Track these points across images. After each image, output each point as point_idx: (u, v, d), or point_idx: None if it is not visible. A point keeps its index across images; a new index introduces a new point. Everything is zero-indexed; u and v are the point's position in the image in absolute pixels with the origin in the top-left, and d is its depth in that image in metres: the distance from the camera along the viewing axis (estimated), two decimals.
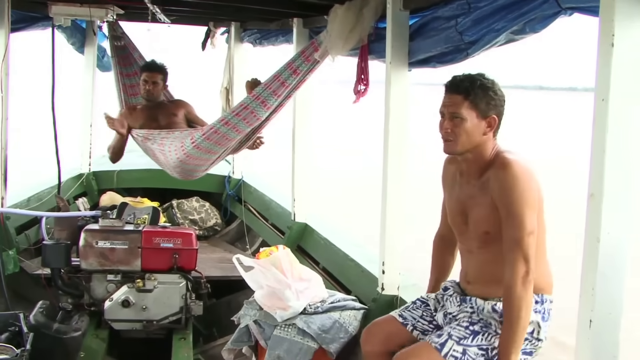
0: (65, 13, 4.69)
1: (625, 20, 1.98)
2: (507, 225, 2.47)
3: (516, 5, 2.63)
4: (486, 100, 2.56)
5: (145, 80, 5.42)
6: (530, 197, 2.46)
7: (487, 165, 2.60)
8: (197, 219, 6.37)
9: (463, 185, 2.71)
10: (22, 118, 15.21)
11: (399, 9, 3.44)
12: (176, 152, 4.63)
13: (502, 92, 2.61)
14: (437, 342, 2.55)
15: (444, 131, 2.62)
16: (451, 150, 2.65)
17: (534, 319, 2.55)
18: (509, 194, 2.46)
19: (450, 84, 2.62)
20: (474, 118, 2.56)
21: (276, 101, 4.14)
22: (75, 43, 6.34)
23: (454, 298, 2.75)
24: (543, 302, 2.59)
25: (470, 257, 2.73)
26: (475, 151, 2.61)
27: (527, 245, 2.43)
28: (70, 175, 6.34)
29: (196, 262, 4.02)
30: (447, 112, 2.60)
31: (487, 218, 2.56)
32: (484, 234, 2.60)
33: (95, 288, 3.90)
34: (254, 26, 6.12)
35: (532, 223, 2.45)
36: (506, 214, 2.47)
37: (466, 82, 2.58)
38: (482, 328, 2.57)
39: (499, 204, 2.50)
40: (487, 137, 2.59)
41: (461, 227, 2.73)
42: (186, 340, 3.85)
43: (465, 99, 2.56)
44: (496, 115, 2.58)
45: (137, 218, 4.35)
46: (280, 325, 3.43)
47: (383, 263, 3.58)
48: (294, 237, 5.10)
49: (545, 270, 2.63)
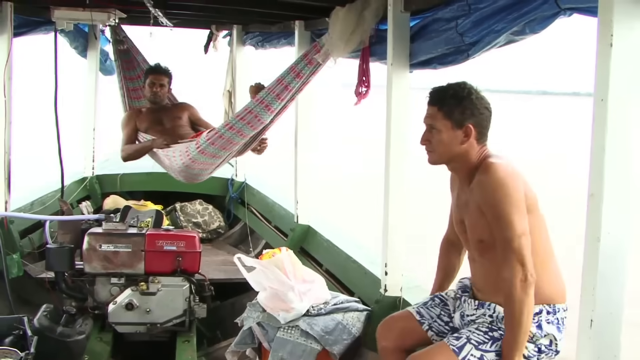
0: (67, 17, 4.70)
1: (624, 20, 1.98)
2: (496, 229, 2.45)
3: (516, 6, 2.64)
4: (460, 110, 2.56)
5: (152, 83, 5.45)
6: (515, 198, 2.42)
7: (475, 172, 2.59)
8: (200, 221, 6.39)
9: (460, 194, 2.72)
10: (25, 121, 15.23)
11: (399, 10, 3.45)
12: (181, 157, 4.65)
13: (481, 100, 2.59)
14: (455, 345, 2.53)
15: (423, 142, 2.66)
16: (433, 161, 2.67)
17: (549, 331, 2.52)
18: (493, 197, 2.44)
19: (429, 95, 2.64)
20: (449, 129, 2.57)
21: (280, 105, 4.15)
22: (78, 47, 6.36)
23: (471, 300, 2.73)
24: (556, 312, 2.55)
25: (474, 265, 2.74)
26: (459, 160, 2.62)
27: (519, 247, 2.40)
28: (73, 179, 6.36)
29: (199, 265, 4.02)
30: (426, 124, 2.64)
31: (478, 226, 2.55)
32: (479, 243, 2.59)
33: (99, 291, 3.90)
34: (256, 29, 6.14)
35: (522, 224, 2.41)
36: (492, 217, 2.46)
37: (440, 92, 2.60)
38: (502, 335, 2.54)
39: (485, 208, 2.48)
40: (467, 146, 2.58)
41: (463, 235, 2.74)
42: (190, 343, 3.85)
43: (439, 110, 2.58)
44: (473, 124, 2.57)
45: (141, 221, 4.36)
46: (284, 327, 3.43)
47: (386, 264, 3.59)
48: (297, 239, 5.11)
49: (554, 277, 2.59)
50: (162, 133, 5.17)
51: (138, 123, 5.39)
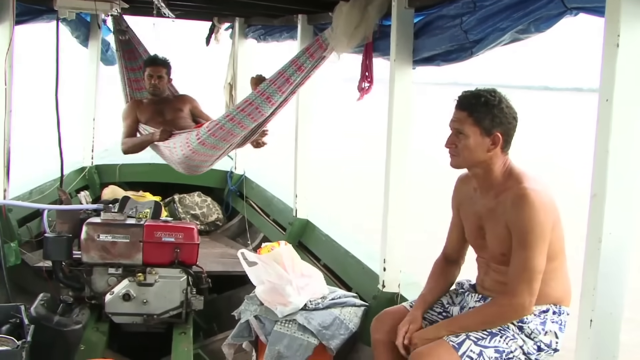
0: (70, 6, 4.67)
1: (631, 20, 1.97)
2: (517, 255, 2.51)
3: (522, 5, 2.63)
4: (490, 118, 2.57)
5: (150, 75, 5.44)
6: (545, 231, 2.48)
7: (501, 183, 2.62)
8: (198, 213, 6.38)
9: (479, 200, 2.72)
10: (25, 109, 15.20)
11: (404, 6, 3.44)
12: (182, 148, 4.64)
13: (510, 109, 2.62)
14: (454, 342, 2.55)
15: (448, 145, 2.66)
16: (455, 164, 2.69)
17: (552, 329, 2.59)
18: (524, 228, 2.48)
19: (458, 99, 2.64)
20: (477, 135, 2.58)
21: (281, 97, 4.14)
22: (80, 36, 6.34)
23: (474, 294, 2.78)
24: (560, 314, 2.62)
25: (488, 270, 2.76)
26: (482, 166, 2.64)
27: (534, 281, 2.48)
28: (72, 169, 6.35)
29: (197, 257, 4.01)
30: (452, 128, 2.64)
31: (503, 240, 2.58)
32: (501, 255, 2.62)
33: (96, 281, 3.90)
34: (258, 22, 6.12)
35: (542, 262, 2.48)
36: (517, 244, 2.51)
37: (472, 98, 2.60)
38: (500, 331, 2.58)
39: (513, 233, 2.53)
40: (492, 154, 2.61)
41: (479, 242, 2.76)
42: (186, 335, 3.85)
43: (469, 115, 2.59)
44: (501, 132, 2.59)
45: (139, 212, 4.36)
46: (281, 320, 3.44)
47: (384, 260, 3.59)
48: (296, 233, 5.10)
49: (565, 281, 2.66)
50: (162, 124, 5.16)
51: (139, 114, 5.39)
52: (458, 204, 2.88)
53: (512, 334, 2.57)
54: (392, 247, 3.58)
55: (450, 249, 2.97)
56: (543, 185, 2.57)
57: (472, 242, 2.82)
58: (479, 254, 2.80)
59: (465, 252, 2.97)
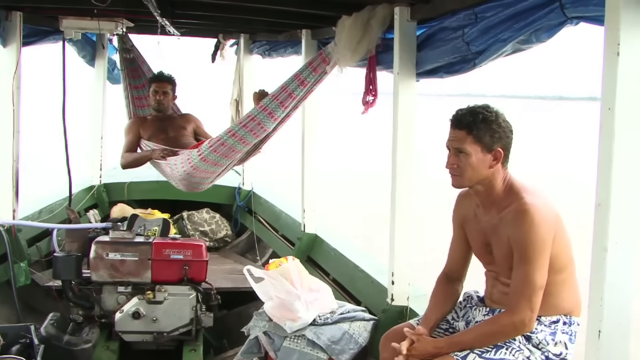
0: (75, 27, 4.74)
1: (631, 29, 1.97)
2: (517, 271, 2.51)
3: (522, 15, 2.63)
4: (490, 134, 2.56)
5: (155, 91, 5.49)
6: (546, 245, 2.47)
7: (502, 198, 2.61)
8: (207, 230, 6.39)
9: (483, 217, 2.71)
10: (33, 129, 15.29)
11: (406, 19, 3.45)
12: (182, 164, 4.65)
13: (507, 123, 2.60)
14: (459, 355, 2.54)
15: (449, 166, 2.64)
16: (458, 185, 2.67)
17: (562, 340, 2.57)
18: (525, 242, 2.47)
19: (454, 118, 2.62)
20: (479, 152, 2.57)
21: (283, 112, 4.15)
22: (86, 56, 6.40)
23: (482, 308, 2.75)
24: (571, 324, 2.60)
25: (496, 283, 2.74)
26: (484, 183, 2.63)
27: (534, 297, 2.47)
28: (81, 187, 6.38)
29: (206, 274, 4.01)
30: (452, 147, 2.62)
31: (509, 254, 2.56)
32: (509, 270, 2.60)
33: (106, 300, 3.90)
34: (263, 38, 6.16)
35: (543, 276, 2.47)
36: (518, 259, 2.50)
37: (469, 116, 2.58)
38: (506, 343, 2.56)
39: (514, 248, 2.52)
40: (494, 170, 2.60)
41: (487, 257, 2.74)
42: (197, 352, 3.84)
43: (468, 134, 2.56)
44: (502, 147, 2.58)
45: (148, 230, 4.37)
46: (290, 336, 3.43)
47: (392, 274, 3.58)
48: (304, 248, 5.10)
49: (575, 291, 2.64)
50: (165, 141, 5.19)
51: (142, 131, 5.41)
52: (461, 220, 2.86)
53: (518, 345, 2.55)
54: (400, 260, 3.57)
55: (452, 267, 2.93)
56: (543, 199, 2.55)
57: (479, 257, 2.81)
58: (487, 267, 2.79)
59: (467, 270, 2.94)
